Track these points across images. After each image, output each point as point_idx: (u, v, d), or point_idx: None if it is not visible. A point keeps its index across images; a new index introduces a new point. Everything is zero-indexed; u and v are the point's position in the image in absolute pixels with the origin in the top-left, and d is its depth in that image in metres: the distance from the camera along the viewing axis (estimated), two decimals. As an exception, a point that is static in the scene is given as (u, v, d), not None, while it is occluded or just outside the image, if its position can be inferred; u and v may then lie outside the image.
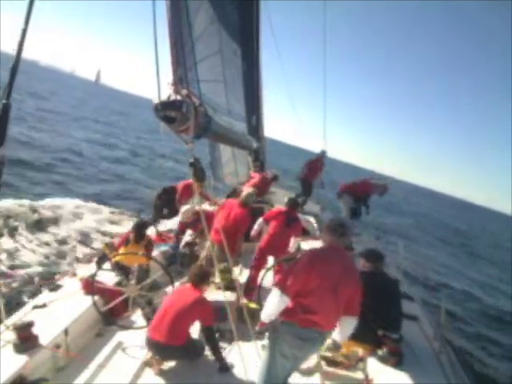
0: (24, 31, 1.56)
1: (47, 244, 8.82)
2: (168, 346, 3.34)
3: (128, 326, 4.12)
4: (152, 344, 3.42)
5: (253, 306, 4.36)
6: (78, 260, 8.22)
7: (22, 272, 7.20)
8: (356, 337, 3.40)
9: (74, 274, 4.71)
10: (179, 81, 2.50)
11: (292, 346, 2.57)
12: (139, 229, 4.97)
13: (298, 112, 10.76)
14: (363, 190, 8.31)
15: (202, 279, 3.58)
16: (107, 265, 4.85)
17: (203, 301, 3.49)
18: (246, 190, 5.75)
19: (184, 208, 6.36)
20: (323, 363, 3.67)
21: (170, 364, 3.57)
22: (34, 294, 5.42)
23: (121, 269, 4.71)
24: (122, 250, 4.85)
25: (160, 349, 3.39)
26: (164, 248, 6.08)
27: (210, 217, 5.31)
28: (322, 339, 2.63)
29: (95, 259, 5.15)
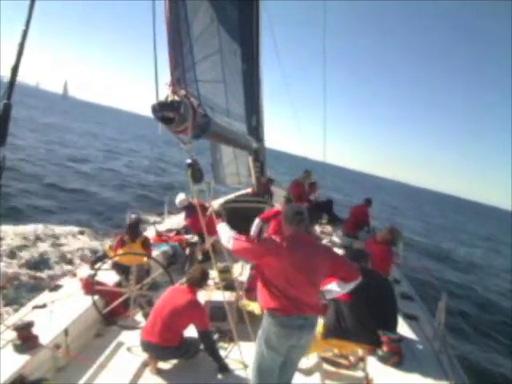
0: (25, 32, 1.56)
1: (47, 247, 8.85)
2: (160, 346, 3.34)
3: (128, 326, 4.12)
4: (145, 344, 3.43)
5: (253, 306, 4.36)
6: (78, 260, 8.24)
7: (22, 272, 7.23)
8: (356, 337, 3.41)
9: (74, 274, 4.72)
10: (177, 81, 2.50)
11: (279, 336, 2.55)
12: (132, 228, 5.00)
13: (294, 116, 10.82)
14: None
15: (200, 282, 3.57)
16: (107, 265, 4.87)
17: (197, 304, 3.47)
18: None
19: (181, 196, 6.62)
20: (323, 363, 3.68)
21: (170, 364, 3.57)
22: (34, 294, 5.44)
23: (120, 269, 4.73)
24: (120, 251, 4.87)
25: (153, 349, 3.40)
26: (164, 248, 6.10)
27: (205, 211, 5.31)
28: (309, 324, 2.60)
29: (92, 260, 5.19)
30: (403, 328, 3.88)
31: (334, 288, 2.80)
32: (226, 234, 2.69)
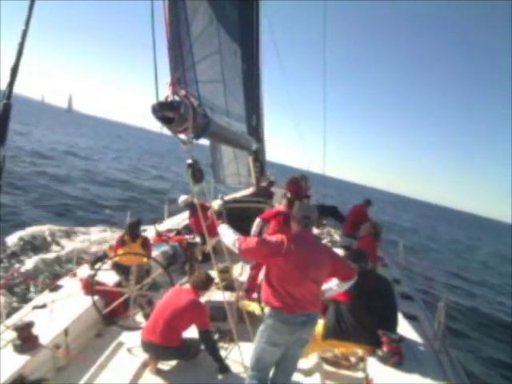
0: (25, 32, 1.56)
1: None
2: (161, 346, 3.35)
3: (128, 326, 4.13)
4: (146, 344, 3.43)
5: (253, 306, 4.36)
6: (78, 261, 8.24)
7: (22, 272, 7.23)
8: (355, 337, 3.41)
9: (74, 274, 4.73)
10: (177, 81, 2.50)
11: (282, 332, 2.62)
12: (132, 228, 5.02)
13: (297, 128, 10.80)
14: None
15: (205, 285, 3.58)
16: (107, 265, 4.87)
17: (198, 304, 3.48)
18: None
19: (184, 196, 6.79)
20: (323, 363, 3.67)
21: (170, 364, 3.57)
22: (34, 294, 5.45)
23: (120, 269, 4.74)
24: (120, 251, 4.87)
25: (153, 349, 3.40)
26: (164, 248, 6.11)
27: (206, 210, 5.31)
28: (311, 321, 2.68)
29: (92, 260, 5.20)
30: (403, 328, 3.87)
31: (332, 286, 2.90)
32: (230, 236, 2.73)
